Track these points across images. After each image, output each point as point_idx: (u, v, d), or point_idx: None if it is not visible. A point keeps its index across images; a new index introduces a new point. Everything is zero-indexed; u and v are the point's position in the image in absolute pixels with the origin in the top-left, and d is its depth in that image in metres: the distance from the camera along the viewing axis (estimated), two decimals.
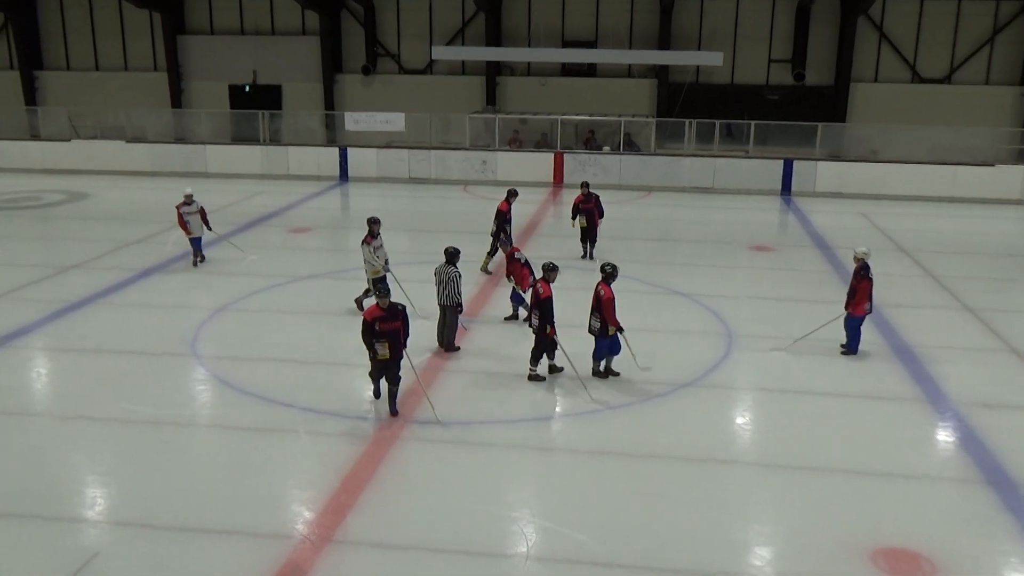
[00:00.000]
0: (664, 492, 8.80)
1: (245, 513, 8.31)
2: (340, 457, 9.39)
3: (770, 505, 8.67)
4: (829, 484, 8.99)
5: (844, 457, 9.54)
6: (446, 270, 12.23)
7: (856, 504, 8.59)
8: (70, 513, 8.38)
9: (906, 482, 9.10)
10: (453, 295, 12.22)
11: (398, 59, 34.25)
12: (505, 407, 10.70)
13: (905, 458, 9.59)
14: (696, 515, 8.38)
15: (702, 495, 8.76)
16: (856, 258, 12.38)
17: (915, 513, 8.51)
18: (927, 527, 8.24)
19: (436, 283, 12.35)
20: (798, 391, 11.23)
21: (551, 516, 8.33)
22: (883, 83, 31.71)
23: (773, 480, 9.13)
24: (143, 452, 9.56)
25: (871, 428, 10.36)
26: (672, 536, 8.02)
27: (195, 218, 16.93)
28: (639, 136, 30.02)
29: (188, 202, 16.81)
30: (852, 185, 26.30)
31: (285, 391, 11.09)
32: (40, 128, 31.43)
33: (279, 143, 29.84)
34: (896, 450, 9.76)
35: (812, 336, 12.89)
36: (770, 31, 31.96)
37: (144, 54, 35.53)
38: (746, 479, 9.18)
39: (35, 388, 11.67)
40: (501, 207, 16.49)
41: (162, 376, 11.72)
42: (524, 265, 13.40)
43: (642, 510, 8.46)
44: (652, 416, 10.64)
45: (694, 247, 20.01)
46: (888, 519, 8.36)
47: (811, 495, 8.78)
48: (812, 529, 8.18)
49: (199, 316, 14.01)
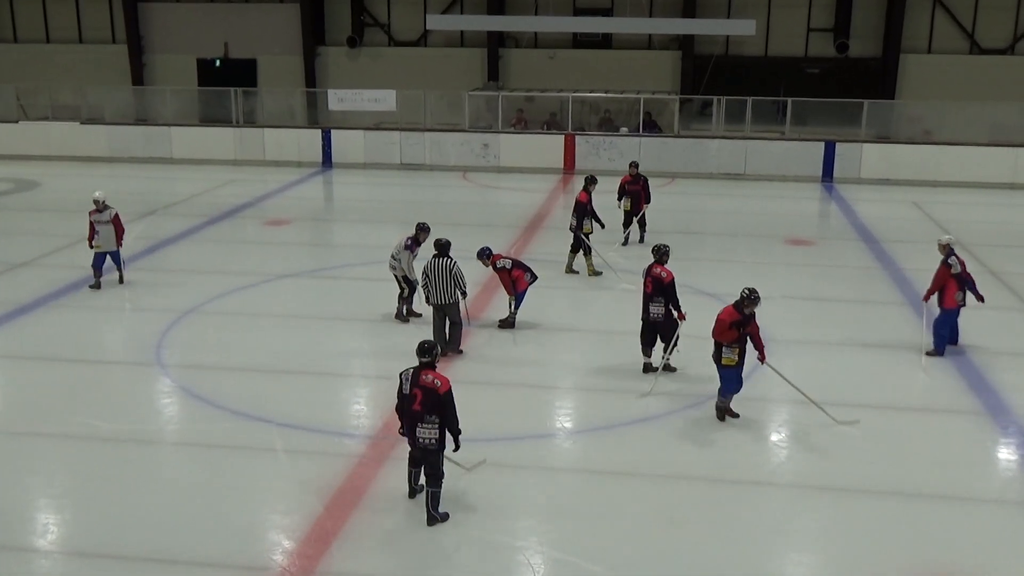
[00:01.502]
0: (689, 517, 8.80)
1: (216, 542, 8.32)
2: (323, 478, 9.40)
3: (810, 532, 8.67)
4: (877, 508, 8.97)
5: (893, 477, 9.53)
6: (443, 263, 12.25)
7: (907, 530, 8.59)
8: (20, 541, 8.40)
9: (963, 505, 9.10)
10: (459, 289, 12.31)
11: (388, 29, 34.29)
12: (511, 422, 10.73)
13: (963, 478, 9.58)
14: (726, 543, 8.38)
15: (732, 521, 8.76)
16: (941, 246, 12.81)
17: (975, 540, 8.50)
18: (987, 555, 8.23)
19: (426, 283, 12.35)
20: (839, 403, 11.22)
21: (561, 545, 8.34)
22: (937, 54, 31.66)
23: (813, 504, 9.14)
24: (102, 472, 9.58)
25: (923, 444, 10.36)
26: (699, 567, 8.03)
27: (106, 228, 15.31)
28: (661, 116, 30.00)
29: (99, 208, 15.34)
30: (902, 170, 26.27)
31: (260, 404, 11.11)
32: None
33: (254, 124, 29.87)
34: (952, 469, 9.75)
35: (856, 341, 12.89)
36: None
37: (101, 24, 35.61)
38: (782, 503, 9.18)
39: None
40: (580, 198, 16.65)
41: (123, 387, 11.75)
42: (512, 269, 13.46)
43: (664, 537, 8.46)
44: (674, 432, 10.64)
45: (723, 241, 20.01)
46: (943, 546, 8.35)
47: (856, 520, 8.77)
48: (857, 559, 8.17)
49: (164, 320, 14.04)
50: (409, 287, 13.71)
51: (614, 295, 15.63)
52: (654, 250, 12.17)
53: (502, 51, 33.50)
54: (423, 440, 8.36)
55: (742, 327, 10.39)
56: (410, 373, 8.42)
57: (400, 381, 8.47)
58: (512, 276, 13.43)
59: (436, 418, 8.29)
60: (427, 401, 8.28)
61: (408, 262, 13.55)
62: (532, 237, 19.65)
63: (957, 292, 12.63)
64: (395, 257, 13.63)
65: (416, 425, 8.35)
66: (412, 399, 8.33)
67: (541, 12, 31.97)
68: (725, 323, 10.39)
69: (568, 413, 11.40)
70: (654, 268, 11.91)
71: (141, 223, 20.30)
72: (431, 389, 8.28)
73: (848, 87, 30.59)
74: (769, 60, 32.41)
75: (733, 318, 10.37)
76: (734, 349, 10.41)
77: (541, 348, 13.15)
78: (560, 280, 16.29)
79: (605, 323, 14.33)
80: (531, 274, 13.56)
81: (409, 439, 8.51)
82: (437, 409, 8.28)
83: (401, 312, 13.95)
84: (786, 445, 10.55)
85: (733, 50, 32.43)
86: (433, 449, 8.38)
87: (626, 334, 13.76)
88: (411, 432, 8.42)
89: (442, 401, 8.27)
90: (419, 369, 8.41)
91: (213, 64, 35.23)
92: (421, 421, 8.32)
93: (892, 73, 31.49)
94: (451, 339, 12.59)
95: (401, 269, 13.60)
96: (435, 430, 8.31)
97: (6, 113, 31.01)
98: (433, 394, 8.27)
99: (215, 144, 28.99)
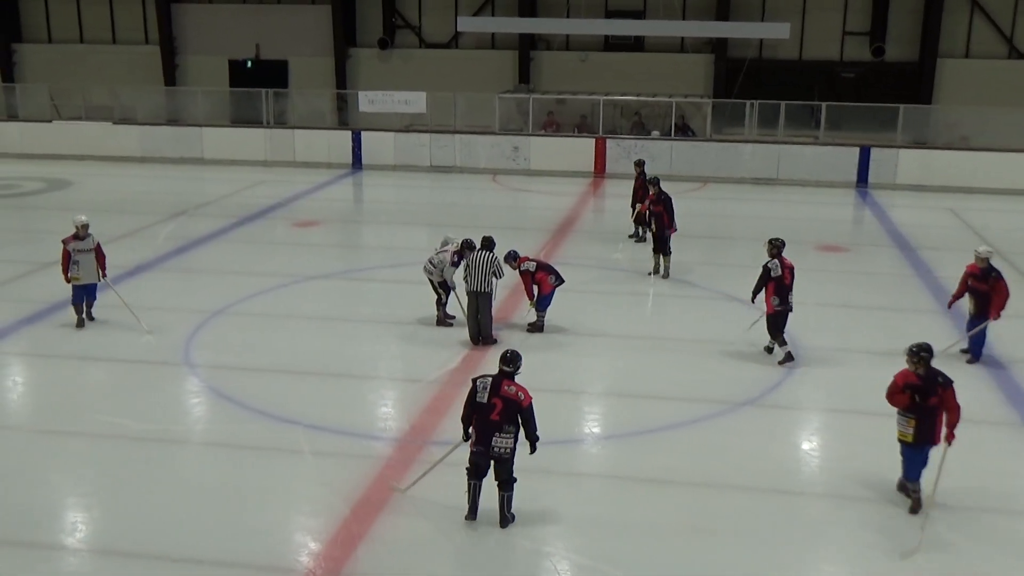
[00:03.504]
0: (719, 526, 8.74)
1: (242, 543, 8.37)
2: (350, 481, 9.42)
3: (843, 543, 8.58)
4: (911, 520, 8.88)
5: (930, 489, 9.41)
6: (486, 257, 12.94)
7: (945, 543, 8.49)
8: (47, 539, 8.48)
9: (999, 518, 8.99)
10: (495, 276, 12.99)
11: (419, 31, 34.40)
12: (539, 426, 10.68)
13: (1001, 489, 9.48)
14: (756, 553, 8.32)
15: (763, 531, 8.70)
16: (980, 258, 12.72)
17: (1016, 553, 8.40)
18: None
19: (467, 274, 12.96)
20: (871, 412, 11.09)
21: (588, 551, 8.31)
22: (975, 59, 31.35)
23: (846, 515, 9.04)
24: (129, 472, 9.65)
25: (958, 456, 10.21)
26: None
27: (87, 258, 13.64)
28: (693, 119, 29.92)
29: (80, 235, 13.63)
30: (939, 176, 26.01)
31: (288, 405, 11.16)
32: (18, 108, 31.89)
33: (284, 126, 30.07)
34: (989, 480, 9.64)
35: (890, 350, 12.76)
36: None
37: (134, 25, 35.96)
38: (814, 513, 9.10)
39: (9, 399, 11.85)
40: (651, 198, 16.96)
41: (151, 387, 11.83)
42: (537, 271, 13.49)
43: (694, 546, 8.42)
44: (704, 439, 10.58)
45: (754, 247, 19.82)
46: (983, 560, 8.26)
47: (890, 532, 8.69)
48: (894, 573, 8.08)
49: (193, 320, 14.14)
50: (445, 293, 13.78)
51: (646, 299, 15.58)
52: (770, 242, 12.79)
53: (533, 53, 33.51)
54: (499, 449, 8.31)
55: (919, 395, 8.72)
56: (488, 382, 8.37)
57: (474, 388, 8.42)
58: (536, 279, 13.40)
59: (514, 428, 8.28)
60: (507, 412, 8.25)
61: (449, 274, 13.62)
62: (562, 241, 19.62)
63: None
64: (433, 263, 13.64)
65: (493, 435, 8.28)
66: (491, 408, 8.27)
67: (573, 14, 31.94)
68: (897, 385, 8.86)
69: (596, 418, 11.36)
70: (786, 260, 12.55)
71: (171, 223, 20.46)
72: (514, 401, 8.27)
73: (884, 92, 30.36)
74: (803, 64, 32.20)
75: (907, 380, 8.79)
76: (909, 421, 8.78)
77: (570, 352, 13.11)
78: (590, 283, 16.26)
79: (636, 328, 14.27)
80: (556, 276, 13.53)
81: (481, 447, 8.37)
82: (517, 420, 8.28)
83: (442, 319, 13.97)
84: (817, 454, 10.47)
85: (767, 54, 32.26)
86: (507, 457, 8.35)
87: (656, 338, 13.76)
88: (486, 441, 8.32)
89: (525, 415, 8.30)
90: (500, 378, 8.38)
91: (244, 65, 35.49)
92: (499, 431, 8.27)
93: (929, 78, 31.22)
94: (483, 329, 13.02)
95: (439, 275, 13.64)
96: (512, 440, 8.30)
97: (40, 113, 31.40)
98: (515, 406, 8.27)
99: (246, 145, 29.19)
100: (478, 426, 8.39)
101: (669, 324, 14.59)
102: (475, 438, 8.42)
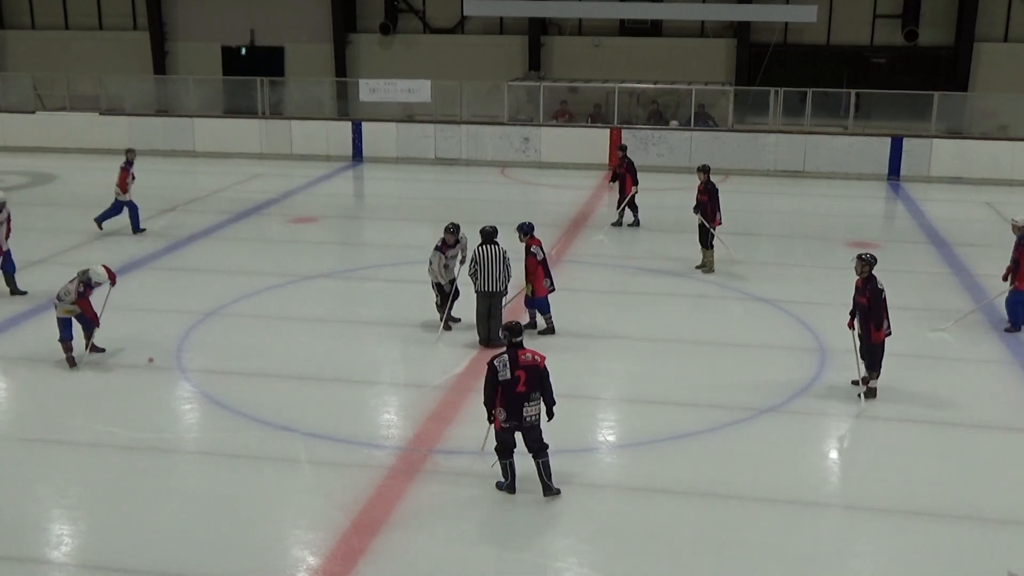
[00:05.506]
0: (741, 539, 8.75)
1: (237, 557, 8.40)
2: (350, 492, 9.45)
3: (872, 558, 8.58)
4: (945, 533, 8.88)
5: (962, 499, 9.43)
6: (494, 250, 12.88)
7: (979, 558, 8.49)
8: (32, 553, 8.52)
9: None
10: (508, 276, 13.04)
11: (423, 15, 34.43)
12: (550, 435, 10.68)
13: None
14: (780, 568, 8.32)
15: (787, 544, 8.71)
16: (1017, 227, 13.32)
17: None
18: None
19: (475, 271, 12.90)
20: (903, 419, 11.12)
21: (603, 567, 8.33)
22: (1014, 43, 31.24)
23: (876, 527, 9.04)
24: (118, 482, 9.68)
25: (993, 463, 10.22)
26: None
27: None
28: (714, 108, 29.89)
29: None
30: (975, 168, 25.95)
31: (285, 412, 11.18)
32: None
33: (280, 116, 30.13)
34: None
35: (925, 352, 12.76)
36: None
37: (122, 9, 36.05)
38: (841, 526, 9.11)
39: None
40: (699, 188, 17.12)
41: (141, 393, 11.87)
42: (541, 263, 13.40)
43: (714, 561, 8.42)
44: (726, 448, 10.58)
45: (780, 243, 19.88)
46: None
47: (921, 546, 8.69)
48: None
49: (185, 322, 14.18)
50: (441, 294, 13.65)
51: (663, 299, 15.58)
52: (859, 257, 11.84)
53: (544, 39, 33.49)
54: (531, 418, 9.05)
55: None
56: (506, 359, 8.99)
57: (493, 368, 9.00)
58: (536, 272, 13.34)
59: (537, 394, 9.03)
60: (531, 379, 8.98)
61: (439, 265, 13.44)
62: (575, 237, 19.63)
63: None
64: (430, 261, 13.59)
65: (523, 405, 8.98)
66: (516, 382, 8.94)
67: None
68: None
69: (611, 426, 11.38)
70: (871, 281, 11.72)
71: (161, 219, 20.53)
72: (533, 366, 9.00)
73: (917, 78, 30.26)
74: (831, 49, 32.13)
75: None
76: None
77: (584, 355, 13.13)
78: (605, 284, 16.27)
79: (653, 329, 14.26)
80: (550, 281, 13.48)
81: (513, 421, 9.00)
82: (539, 385, 9.01)
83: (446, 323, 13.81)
84: (846, 464, 10.46)
85: (792, 38, 32.19)
86: (537, 423, 9.09)
87: (675, 341, 13.75)
88: (517, 414, 8.97)
89: (543, 374, 9.05)
90: (514, 351, 9.01)
91: (238, 52, 35.54)
92: (527, 400, 9.00)
93: (965, 63, 31.11)
94: (493, 331, 12.87)
95: (433, 273, 13.55)
96: (539, 404, 9.08)
97: (22, 103, 31.48)
98: (536, 370, 9.01)
99: (240, 136, 29.24)
100: (505, 403, 9.00)
101: (689, 325, 14.58)
102: (505, 415, 9.02)
